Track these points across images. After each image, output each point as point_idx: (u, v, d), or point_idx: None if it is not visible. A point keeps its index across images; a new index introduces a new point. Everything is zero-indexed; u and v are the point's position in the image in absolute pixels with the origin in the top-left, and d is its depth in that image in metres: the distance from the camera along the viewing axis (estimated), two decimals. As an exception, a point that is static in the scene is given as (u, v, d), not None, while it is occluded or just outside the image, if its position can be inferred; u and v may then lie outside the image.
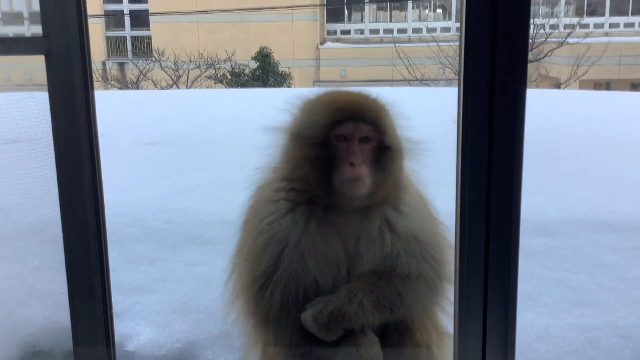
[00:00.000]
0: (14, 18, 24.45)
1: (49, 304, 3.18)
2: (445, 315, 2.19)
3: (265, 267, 1.94)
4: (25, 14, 24.18)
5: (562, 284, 3.49)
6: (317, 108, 1.92)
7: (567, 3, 25.32)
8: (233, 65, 21.43)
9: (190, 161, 6.37)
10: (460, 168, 1.88)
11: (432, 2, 27.85)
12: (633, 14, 25.57)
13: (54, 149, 2.05)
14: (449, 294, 2.10)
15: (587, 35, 20.98)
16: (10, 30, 23.94)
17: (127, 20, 26.03)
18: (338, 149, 1.87)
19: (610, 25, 24.99)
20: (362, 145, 1.89)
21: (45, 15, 1.96)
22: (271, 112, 2.05)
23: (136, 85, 21.36)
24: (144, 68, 21.72)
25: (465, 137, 1.84)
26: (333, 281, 1.97)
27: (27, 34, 22.74)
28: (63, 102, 1.98)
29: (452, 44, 20.61)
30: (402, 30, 27.21)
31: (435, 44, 20.57)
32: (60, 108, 1.99)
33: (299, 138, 1.89)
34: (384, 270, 1.97)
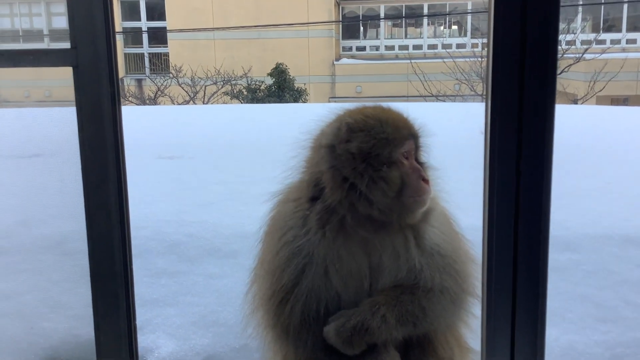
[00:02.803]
0: (34, 35, 24.87)
1: (70, 317, 3.18)
2: (468, 330, 2.17)
3: (286, 281, 1.92)
4: (45, 31, 24.59)
5: (586, 299, 3.44)
6: (381, 126, 1.86)
7: (584, 19, 25.28)
8: (249, 82, 21.60)
9: (210, 175, 6.40)
10: (488, 182, 1.87)
11: (447, 18, 27.93)
12: (650, 29, 25.50)
13: (80, 161, 2.06)
14: (473, 308, 2.08)
15: (604, 51, 20.90)
16: (30, 47, 24.33)
17: (145, 37, 26.35)
18: (404, 166, 1.85)
19: (628, 41, 24.91)
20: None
21: (74, 27, 1.97)
22: (287, 127, 2.03)
23: (154, 101, 21.58)
24: (162, 84, 21.94)
25: (493, 152, 1.83)
26: (355, 295, 1.95)
27: (47, 50, 23.12)
28: (90, 113, 1.99)
29: (467, 60, 20.65)
30: (417, 47, 27.29)
31: (451, 60, 20.60)
32: (87, 120, 2.00)
33: (367, 158, 1.83)
34: (406, 283, 1.95)
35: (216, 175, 6.36)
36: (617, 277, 3.69)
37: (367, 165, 1.82)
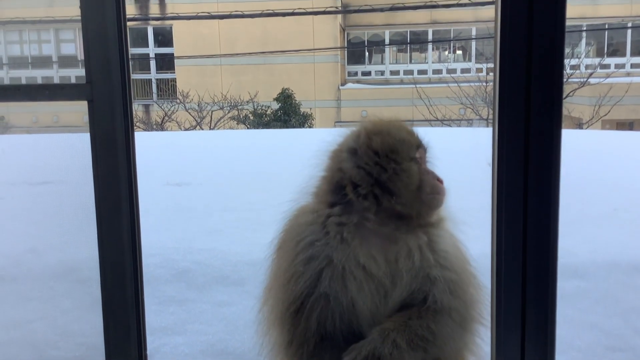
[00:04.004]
0: (43, 62, 25.13)
1: (80, 345, 3.20)
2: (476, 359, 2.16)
3: (302, 287, 1.93)
4: (54, 58, 24.86)
5: (595, 327, 3.43)
6: (398, 130, 2.01)
7: (588, 44, 25.41)
8: (255, 106, 21.69)
9: (218, 202, 6.43)
10: (496, 210, 1.89)
11: (451, 43, 28.09)
12: (655, 54, 25.58)
13: (94, 192, 2.10)
14: (479, 335, 2.09)
15: (608, 76, 20.93)
16: (38, 74, 24.57)
17: (152, 63, 26.60)
18: (420, 167, 1.97)
19: (632, 66, 24.96)
20: None
21: (90, 63, 2.02)
22: (294, 153, 2.08)
23: (161, 126, 21.70)
24: (169, 109, 22.08)
25: (500, 178, 1.86)
26: (371, 303, 1.96)
27: (56, 77, 23.32)
28: (105, 146, 2.04)
29: (472, 84, 20.73)
30: (422, 71, 27.42)
31: (456, 84, 20.68)
32: (101, 152, 2.04)
33: (389, 153, 1.95)
34: (416, 300, 1.96)
35: (224, 202, 6.39)
36: (625, 305, 3.68)
37: (389, 160, 1.94)
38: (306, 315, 1.93)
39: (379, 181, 1.92)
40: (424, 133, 2.08)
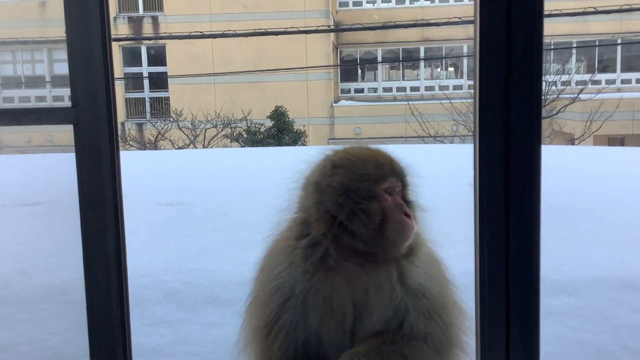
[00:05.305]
0: (37, 81, 25.17)
1: (68, 368, 3.18)
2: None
3: (268, 316, 1.95)
4: (47, 78, 24.91)
5: (585, 345, 3.43)
6: (362, 163, 1.95)
7: (579, 60, 25.63)
8: (249, 124, 21.74)
9: (209, 221, 6.42)
10: (478, 227, 1.90)
11: (443, 60, 28.29)
12: (645, 69, 25.81)
13: (79, 214, 2.10)
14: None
15: (599, 91, 21.11)
16: (32, 93, 24.58)
17: (146, 82, 26.66)
18: (386, 201, 1.91)
19: (622, 81, 25.18)
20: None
21: (75, 86, 2.04)
22: (286, 169, 2.09)
23: (154, 145, 21.69)
24: (162, 128, 22.09)
25: (482, 195, 1.87)
26: (336, 333, 1.94)
27: (49, 96, 23.31)
28: (90, 169, 2.04)
29: (464, 101, 20.85)
30: (414, 88, 27.58)
31: (448, 101, 20.80)
32: (87, 175, 2.05)
33: (348, 191, 1.90)
34: (390, 328, 1.94)
35: (215, 221, 6.38)
36: (615, 322, 3.68)
37: (347, 198, 1.89)
38: (274, 340, 1.94)
39: (339, 220, 1.88)
40: (401, 157, 2.04)
